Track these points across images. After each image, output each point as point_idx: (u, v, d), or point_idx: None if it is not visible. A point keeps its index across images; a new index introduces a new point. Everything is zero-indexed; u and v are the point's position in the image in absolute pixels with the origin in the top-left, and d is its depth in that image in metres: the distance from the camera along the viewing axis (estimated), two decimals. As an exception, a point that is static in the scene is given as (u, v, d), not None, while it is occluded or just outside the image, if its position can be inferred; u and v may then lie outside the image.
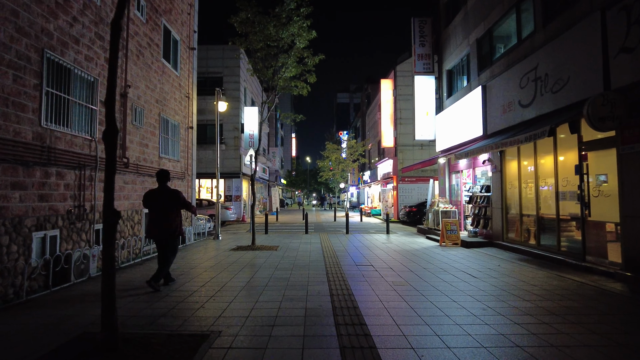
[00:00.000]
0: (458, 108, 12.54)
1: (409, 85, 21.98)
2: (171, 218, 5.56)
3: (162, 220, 5.50)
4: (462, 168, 12.98)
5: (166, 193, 5.59)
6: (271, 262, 7.80)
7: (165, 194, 5.58)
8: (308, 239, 12.25)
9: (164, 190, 5.62)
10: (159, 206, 5.52)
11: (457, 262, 7.89)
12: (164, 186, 5.67)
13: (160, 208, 5.51)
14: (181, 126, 11.72)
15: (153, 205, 5.55)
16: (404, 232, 14.90)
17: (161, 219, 5.50)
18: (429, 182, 21.12)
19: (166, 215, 5.51)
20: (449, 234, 10.75)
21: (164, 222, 5.51)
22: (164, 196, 5.56)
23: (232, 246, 10.40)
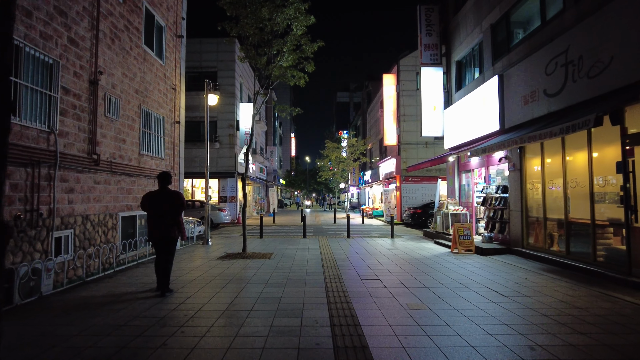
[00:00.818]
0: (469, 101, 11.50)
1: (412, 81, 20.97)
2: (173, 219, 5.48)
3: (162, 223, 5.41)
4: (473, 167, 11.94)
5: (167, 195, 5.52)
6: (262, 274, 6.75)
7: (166, 196, 5.51)
8: (306, 244, 11.21)
9: (164, 192, 5.54)
10: (160, 209, 5.42)
11: (476, 274, 6.85)
12: (164, 188, 5.59)
13: (160, 210, 5.42)
14: (166, 121, 10.67)
15: (153, 208, 5.45)
16: (410, 236, 13.86)
17: (162, 222, 5.41)
18: (436, 183, 20.10)
19: (167, 218, 5.43)
20: (461, 239, 9.71)
21: (165, 225, 5.41)
22: (164, 198, 5.48)
23: (221, 253, 9.36)
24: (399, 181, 20.67)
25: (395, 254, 9.24)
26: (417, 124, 20.75)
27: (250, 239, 12.65)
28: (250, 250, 9.70)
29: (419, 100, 20.89)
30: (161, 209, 5.42)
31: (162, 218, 5.41)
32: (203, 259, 8.58)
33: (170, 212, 5.44)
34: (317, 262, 8.06)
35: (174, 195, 5.57)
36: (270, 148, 34.21)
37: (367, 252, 9.64)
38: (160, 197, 5.50)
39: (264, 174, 29.79)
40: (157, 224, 5.42)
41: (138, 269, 7.40)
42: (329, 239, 12.68)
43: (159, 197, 5.50)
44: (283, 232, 15.92)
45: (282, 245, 10.82)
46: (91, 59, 7.09)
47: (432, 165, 11.96)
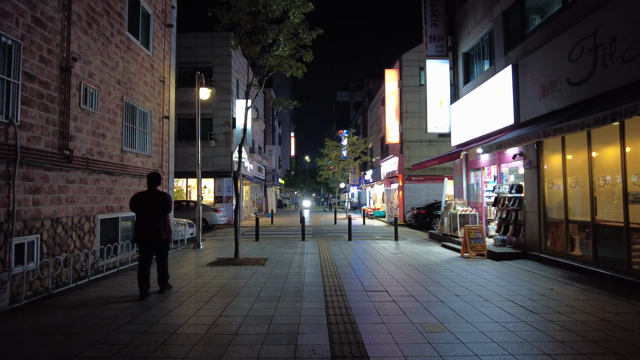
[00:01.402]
0: (478, 95, 10.74)
1: (415, 76, 20.23)
2: (161, 221, 5.39)
3: (151, 225, 5.30)
4: (483, 165, 11.18)
5: (155, 196, 5.43)
6: (254, 285, 5.99)
7: (154, 198, 5.41)
8: (304, 247, 10.45)
9: (152, 193, 5.45)
10: (148, 210, 5.32)
11: (494, 283, 6.09)
12: (153, 189, 5.50)
13: (148, 212, 5.31)
14: (154, 115, 9.91)
15: (141, 210, 5.34)
16: (414, 238, 13.10)
17: (150, 224, 5.30)
18: (441, 182, 19.39)
19: (155, 219, 5.34)
20: (472, 243, 8.95)
21: (153, 227, 5.31)
22: (152, 200, 5.38)
23: (212, 259, 8.60)
24: (401, 180, 19.92)
25: (401, 260, 8.48)
26: (421, 121, 20.03)
27: (245, 241, 11.89)
28: (243, 255, 8.94)
29: (422, 96, 20.17)
30: (149, 210, 5.32)
31: (150, 220, 5.30)
32: (191, 265, 7.82)
33: (157, 214, 5.35)
34: (316, 269, 7.30)
35: (162, 196, 5.45)
36: (268, 147, 33.45)
37: (370, 257, 8.88)
38: (148, 198, 5.39)
39: (262, 173, 29.04)
40: (145, 226, 5.30)
41: (117, 278, 6.63)
42: (328, 241, 11.92)
43: (147, 199, 5.39)
44: (281, 234, 15.17)
45: (279, 249, 10.06)
46: (62, 44, 6.32)
47: (439, 162, 11.23)
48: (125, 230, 8.53)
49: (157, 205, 5.37)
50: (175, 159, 20.11)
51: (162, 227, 5.39)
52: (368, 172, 30.41)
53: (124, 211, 8.32)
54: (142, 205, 5.37)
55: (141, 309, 4.73)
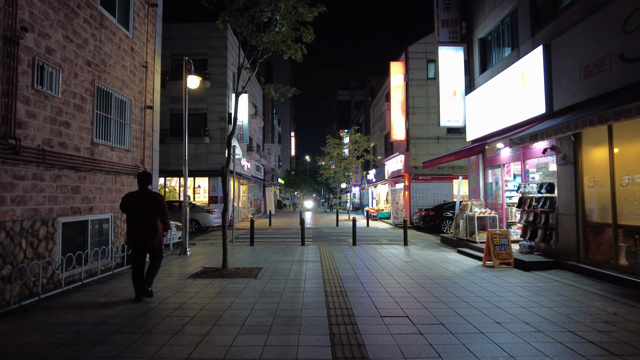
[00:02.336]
0: (498, 84, 9.58)
1: (422, 69, 19.07)
2: (153, 224, 5.18)
3: (142, 226, 5.12)
4: (503, 161, 10.02)
5: (145, 197, 5.22)
6: (240, 306, 4.83)
7: (145, 198, 5.20)
8: (304, 254, 9.28)
9: (143, 193, 5.25)
10: (138, 212, 5.15)
11: (538, 303, 4.92)
12: (144, 189, 5.29)
13: (139, 214, 5.14)
14: (134, 104, 8.76)
15: (132, 211, 5.18)
16: (425, 243, 11.93)
17: (142, 225, 5.12)
18: (452, 182, 18.33)
19: (146, 221, 5.15)
20: (497, 250, 7.78)
21: (145, 229, 5.12)
22: (143, 201, 5.18)
23: (198, 268, 7.45)
24: (407, 180, 18.75)
25: (416, 270, 7.31)
26: (428, 116, 18.88)
27: (239, 246, 10.74)
28: (233, 264, 7.78)
29: (429, 91, 19.03)
30: (140, 212, 5.12)
31: (141, 222, 5.11)
32: (171, 277, 6.66)
33: (148, 215, 5.13)
34: (317, 283, 6.13)
35: (152, 197, 5.20)
36: (267, 145, 32.29)
37: (379, 266, 7.71)
38: (138, 199, 5.18)
39: (260, 172, 27.88)
40: (136, 228, 5.11)
41: (76, 295, 5.47)
42: (331, 246, 10.76)
43: (138, 199, 5.18)
44: (279, 237, 14.01)
45: (275, 256, 8.89)
46: (7, 8, 5.17)
47: (456, 158, 10.07)
48: (97, 234, 7.38)
49: (148, 206, 5.15)
50: (169, 157, 19.00)
51: (154, 230, 5.16)
52: (371, 171, 29.23)
53: (94, 213, 7.16)
54: (132, 206, 5.17)
55: (84, 342, 3.57)
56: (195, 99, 18.90)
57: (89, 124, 7.03)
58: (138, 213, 5.13)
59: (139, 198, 5.20)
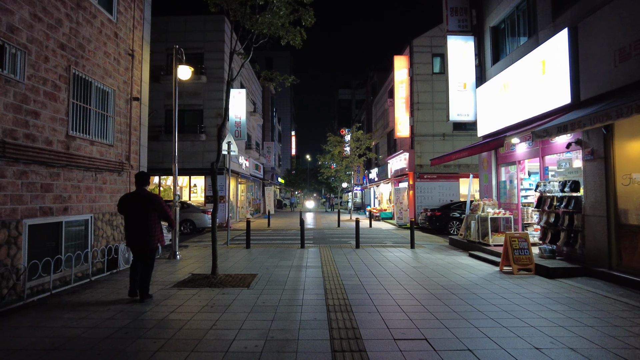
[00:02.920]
0: (514, 74, 8.85)
1: (427, 63, 18.32)
2: (149, 225, 5.06)
3: (138, 228, 5.04)
4: (519, 158, 9.27)
5: (141, 198, 5.12)
6: (227, 325, 4.10)
7: (142, 199, 5.11)
8: (303, 257, 8.55)
9: (139, 194, 5.15)
10: (134, 213, 5.07)
11: (577, 321, 4.19)
12: (141, 190, 5.21)
13: (135, 215, 5.06)
14: (118, 95, 8.03)
15: (128, 212, 5.11)
16: (432, 245, 11.19)
17: (138, 226, 5.04)
18: (458, 180, 17.58)
19: (143, 222, 5.04)
20: (516, 254, 7.05)
21: (141, 231, 5.03)
22: (139, 201, 5.10)
23: (185, 275, 6.72)
24: (412, 179, 18.00)
25: (428, 277, 6.57)
26: (434, 112, 18.13)
27: (235, 249, 10.01)
28: (226, 270, 7.05)
29: (435, 86, 18.30)
30: (136, 213, 5.07)
31: (138, 224, 5.06)
32: (153, 285, 5.92)
33: (145, 216, 5.06)
34: (318, 294, 5.40)
35: (148, 198, 5.12)
36: (267, 144, 31.54)
37: (387, 272, 6.98)
38: (134, 200, 5.12)
39: (259, 171, 27.16)
40: (134, 230, 5.06)
41: (40, 308, 4.73)
42: (332, 249, 10.02)
43: (134, 200, 5.13)
44: (278, 239, 13.27)
45: (272, 261, 8.16)
46: (-43, -24, 4.45)
47: (469, 154, 9.33)
48: (74, 237, 6.65)
49: (144, 207, 5.07)
50: (164, 155, 18.26)
51: (150, 231, 5.07)
52: (373, 170, 28.47)
53: (70, 213, 6.44)
54: (129, 207, 5.13)
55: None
56: (191, 94, 18.18)
57: (64, 115, 6.30)
58: (134, 214, 5.06)
59: (135, 199, 5.13)
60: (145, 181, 5.28)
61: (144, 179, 5.29)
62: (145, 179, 5.29)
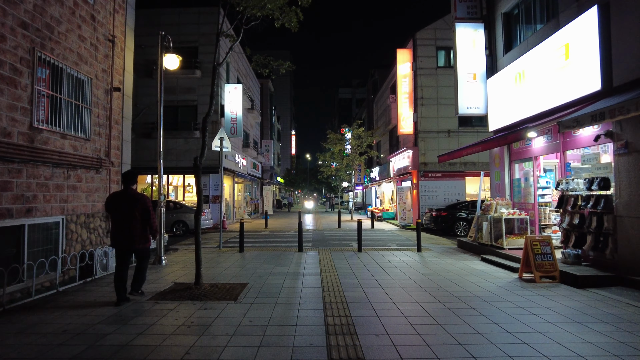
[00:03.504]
0: (531, 61, 8.09)
1: (431, 57, 17.54)
2: (136, 226, 4.91)
3: (124, 228, 4.86)
4: (535, 153, 8.51)
5: (129, 197, 4.95)
6: (202, 354, 3.33)
7: (129, 199, 4.93)
8: (301, 263, 7.79)
9: (127, 194, 4.99)
10: (121, 213, 4.89)
11: (632, 347, 3.42)
12: (128, 189, 5.04)
13: (122, 215, 4.88)
14: (96, 85, 7.27)
15: (115, 212, 4.93)
16: (440, 248, 10.43)
17: (125, 227, 4.86)
18: (465, 179, 16.80)
19: (129, 223, 4.87)
20: (538, 260, 6.29)
21: (128, 231, 4.86)
22: (125, 201, 4.92)
23: (167, 283, 5.96)
24: (415, 177, 17.23)
25: (441, 287, 5.81)
26: (438, 108, 17.36)
27: (227, 253, 9.25)
28: (213, 278, 6.29)
29: (439, 80, 17.52)
30: (123, 213, 4.91)
31: (124, 223, 4.90)
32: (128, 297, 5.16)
33: (131, 217, 4.91)
34: (315, 310, 4.63)
35: (135, 198, 4.97)
36: (265, 142, 30.76)
37: (394, 281, 6.21)
38: (122, 200, 4.97)
39: (258, 170, 26.39)
40: (121, 229, 4.90)
41: (-16, 329, 3.97)
42: (332, 252, 9.26)
43: (121, 200, 4.97)
44: (274, 241, 12.51)
45: (266, 267, 7.40)
46: None
47: (483, 149, 8.55)
48: (42, 242, 5.90)
49: (131, 207, 4.92)
50: (155, 153, 17.52)
51: (137, 232, 4.94)
52: (374, 169, 27.70)
53: (35, 215, 5.68)
54: (115, 207, 4.96)
55: None
56: (184, 89, 17.43)
57: (26, 103, 5.54)
58: (121, 214, 4.89)
59: (122, 199, 4.96)
60: (131, 180, 5.10)
61: (131, 177, 5.11)
62: (131, 178, 5.11)
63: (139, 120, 17.27)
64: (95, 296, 5.28)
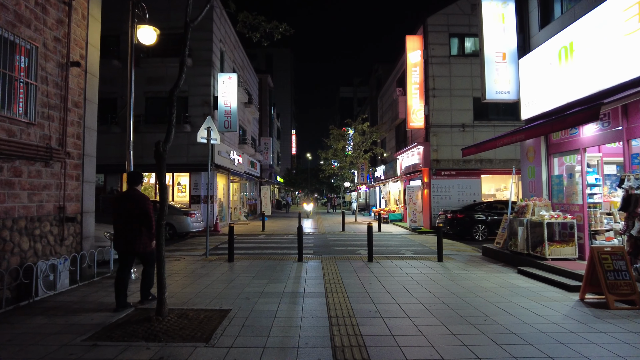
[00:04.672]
0: (578, 33, 6.63)
1: (444, 44, 16.07)
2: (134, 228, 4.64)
3: (125, 230, 4.63)
4: (585, 144, 7.03)
5: (130, 199, 4.71)
6: None
7: (129, 200, 4.70)
8: (301, 278, 6.32)
9: (129, 195, 4.77)
10: (122, 214, 4.66)
11: None
12: (130, 190, 4.81)
13: (123, 217, 4.66)
14: (46, 56, 5.81)
15: (117, 214, 4.70)
16: (463, 257, 8.96)
17: (124, 229, 4.64)
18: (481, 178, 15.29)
19: (130, 225, 4.63)
20: (611, 278, 4.82)
21: (129, 234, 4.62)
22: (127, 202, 4.69)
23: (127, 307, 4.49)
24: (427, 176, 15.74)
25: (487, 315, 4.33)
26: (451, 100, 15.90)
27: (214, 263, 7.79)
28: (186, 301, 4.82)
29: (453, 69, 16.05)
30: (124, 214, 4.65)
31: (125, 225, 4.62)
32: (62, 334, 3.69)
33: (133, 220, 4.61)
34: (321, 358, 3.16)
35: (135, 200, 4.67)
36: (264, 139, 29.28)
37: (422, 306, 4.73)
38: (124, 201, 4.71)
39: (255, 169, 24.91)
40: (120, 232, 4.65)
41: None
42: (338, 262, 7.81)
43: (123, 201, 4.71)
44: (271, 247, 11.04)
45: (258, 283, 5.92)
46: None
47: (527, 137, 7.01)
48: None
49: (132, 209, 4.64)
50: (143, 148, 16.04)
51: (136, 235, 4.62)
52: (379, 167, 26.21)
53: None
54: (117, 208, 4.69)
55: None
56: (173, 79, 15.86)
57: None
58: (122, 216, 4.67)
59: (124, 199, 4.75)
60: (134, 180, 4.89)
61: (135, 178, 4.91)
62: (135, 179, 4.90)
63: (124, 113, 15.81)
64: (43, 322, 3.81)
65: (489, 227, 12.80)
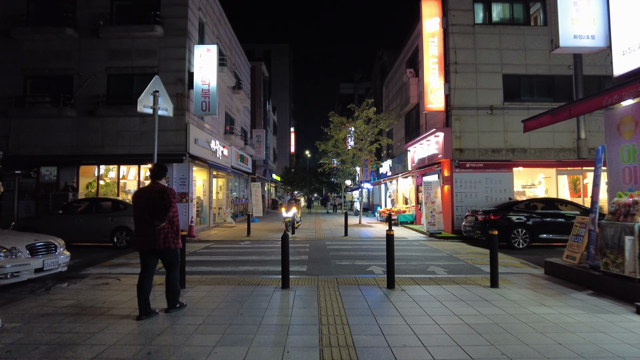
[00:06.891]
0: None
1: (468, 10, 13.35)
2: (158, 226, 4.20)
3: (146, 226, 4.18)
4: None
5: (152, 192, 4.27)
6: None
7: (150, 193, 4.27)
8: (279, 329, 3.57)
9: (150, 189, 4.33)
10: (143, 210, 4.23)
11: None
12: (153, 183, 4.40)
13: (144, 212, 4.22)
14: None
15: (137, 209, 4.28)
16: (520, 278, 6.23)
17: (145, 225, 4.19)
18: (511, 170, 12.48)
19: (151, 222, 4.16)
20: None
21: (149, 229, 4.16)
22: (148, 197, 4.26)
23: None
24: (448, 169, 12.98)
25: None
26: (477, 77, 13.13)
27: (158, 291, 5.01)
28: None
29: (478, 41, 13.24)
30: (145, 209, 4.24)
31: (146, 221, 4.20)
32: None
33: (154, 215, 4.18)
34: None
35: (159, 192, 4.23)
36: (256, 132, 26.50)
37: None
38: (144, 195, 4.31)
39: (246, 164, 22.15)
40: (141, 229, 4.23)
41: None
42: (342, 291, 5.10)
43: (143, 195, 4.30)
44: (251, 260, 8.30)
45: (209, 340, 3.17)
46: None
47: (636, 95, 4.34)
48: None
49: (153, 203, 4.20)
50: (103, 135, 13.23)
51: (159, 231, 4.18)
52: (385, 162, 23.41)
53: None
54: (138, 203, 4.29)
55: None
56: (141, 52, 13.20)
57: None
58: (143, 211, 4.23)
59: (145, 193, 4.30)
60: (157, 174, 4.41)
61: (158, 171, 4.44)
62: (159, 172, 4.43)
63: (82, 93, 13.07)
64: None
65: (531, 231, 10.09)
